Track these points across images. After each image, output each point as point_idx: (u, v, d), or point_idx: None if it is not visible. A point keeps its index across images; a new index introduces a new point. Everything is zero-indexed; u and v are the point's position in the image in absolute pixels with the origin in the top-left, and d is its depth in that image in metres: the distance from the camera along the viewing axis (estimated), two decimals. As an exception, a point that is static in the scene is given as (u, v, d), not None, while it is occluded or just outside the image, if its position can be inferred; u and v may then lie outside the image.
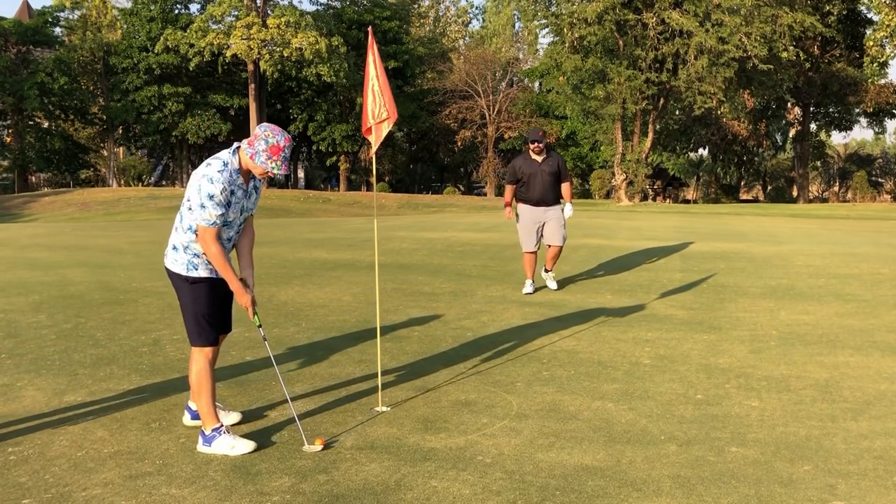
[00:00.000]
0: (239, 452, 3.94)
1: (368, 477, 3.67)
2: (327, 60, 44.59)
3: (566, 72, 40.46)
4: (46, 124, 53.16)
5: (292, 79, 48.22)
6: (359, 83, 43.90)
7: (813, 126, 53.14)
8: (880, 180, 73.98)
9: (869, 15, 47.18)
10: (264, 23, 45.33)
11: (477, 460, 3.88)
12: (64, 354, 5.92)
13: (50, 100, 48.80)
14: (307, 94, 51.13)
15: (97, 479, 3.64)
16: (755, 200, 62.40)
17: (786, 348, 6.24)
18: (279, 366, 5.55)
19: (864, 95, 47.63)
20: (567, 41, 38.13)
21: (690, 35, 35.86)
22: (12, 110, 49.95)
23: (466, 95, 55.20)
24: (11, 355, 5.91)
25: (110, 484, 3.59)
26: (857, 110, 51.76)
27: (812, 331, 6.89)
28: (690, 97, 38.14)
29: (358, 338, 6.50)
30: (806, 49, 43.63)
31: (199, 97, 49.80)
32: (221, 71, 47.89)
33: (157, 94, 48.15)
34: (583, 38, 37.23)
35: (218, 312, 4.18)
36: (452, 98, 55.17)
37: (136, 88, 48.20)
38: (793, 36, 37.20)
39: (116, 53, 48.77)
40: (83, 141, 55.18)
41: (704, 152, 58.54)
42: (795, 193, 52.91)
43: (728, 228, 18.22)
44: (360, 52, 44.80)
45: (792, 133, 57.27)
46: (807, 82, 47.68)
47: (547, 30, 41.31)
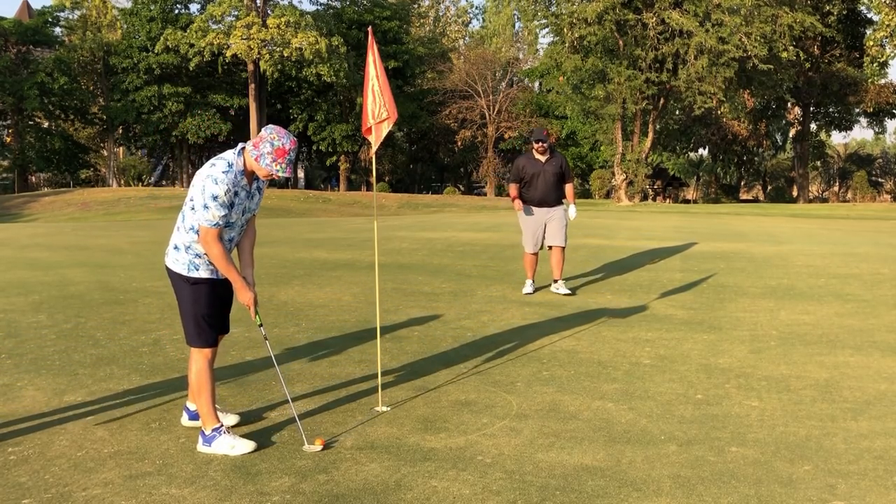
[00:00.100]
0: (239, 452, 3.94)
1: (368, 477, 3.67)
2: (327, 60, 44.61)
3: (566, 72, 40.47)
4: (46, 124, 53.16)
5: (292, 79, 48.24)
6: (359, 83, 43.90)
7: (813, 126, 53.15)
8: (880, 180, 74.01)
9: (869, 15, 47.21)
10: (264, 23, 45.36)
11: (477, 460, 3.87)
12: (64, 354, 5.92)
13: (50, 100, 48.80)
14: (307, 94, 51.15)
15: (97, 479, 3.64)
16: (755, 200, 62.40)
17: (786, 348, 6.24)
18: (279, 366, 5.55)
19: (864, 95, 47.64)
20: (567, 41, 38.14)
21: (690, 35, 35.86)
22: (12, 110, 49.95)
23: (466, 95, 55.20)
24: (11, 355, 5.91)
25: (110, 484, 3.59)
26: (857, 110, 51.78)
27: (812, 331, 6.89)
28: (690, 97, 38.14)
29: (358, 338, 6.50)
30: (806, 49, 43.64)
31: (199, 97, 49.81)
32: (221, 71, 47.92)
33: (157, 94, 48.17)
34: (583, 38, 37.23)
35: (218, 313, 4.17)
36: (452, 98, 55.16)
37: (136, 88, 48.22)
38: (793, 36, 37.20)
39: (116, 53, 48.78)
40: (83, 141, 55.17)
41: (704, 152, 58.56)
42: (795, 193, 52.91)
43: (728, 228, 18.22)
44: (360, 52, 44.80)
45: (792, 133, 57.28)
46: (807, 82, 47.69)
47: (547, 30, 41.32)
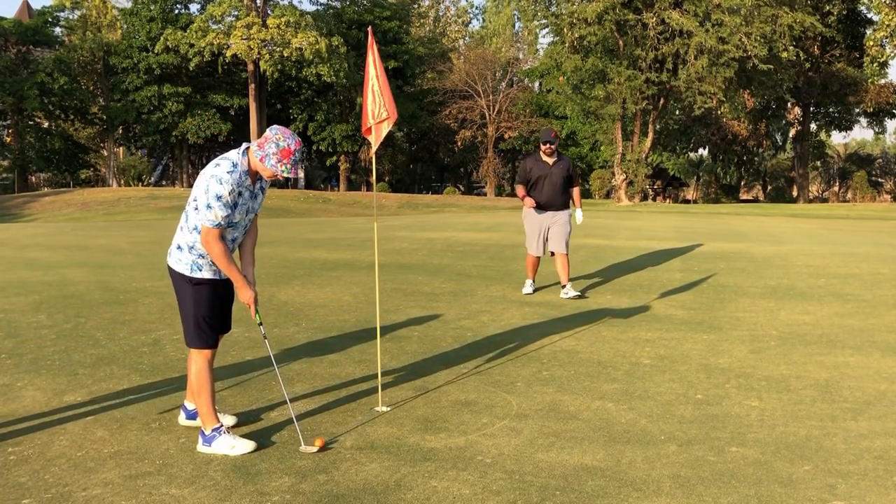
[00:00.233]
0: (239, 452, 3.94)
1: (368, 477, 3.67)
2: (327, 60, 44.61)
3: (566, 72, 40.49)
4: (46, 124, 53.14)
5: (292, 79, 48.24)
6: (359, 83, 43.91)
7: (813, 126, 53.15)
8: (880, 180, 74.03)
9: (869, 15, 47.22)
10: (264, 23, 45.36)
11: (477, 460, 3.87)
12: (64, 354, 5.92)
13: (50, 100, 48.78)
14: (307, 94, 51.14)
15: (97, 479, 3.64)
16: (755, 200, 62.41)
17: (786, 348, 6.24)
18: (279, 366, 5.55)
19: (864, 95, 47.65)
20: (567, 41, 38.15)
21: (690, 35, 35.87)
22: (12, 110, 49.93)
23: (466, 95, 55.19)
24: (11, 355, 5.91)
25: (110, 484, 3.59)
26: (857, 110, 51.78)
27: (812, 331, 6.89)
28: (690, 97, 38.15)
29: (358, 338, 6.50)
30: (806, 49, 43.65)
31: (199, 97, 49.81)
32: (221, 71, 47.92)
33: (157, 94, 48.16)
34: (583, 38, 37.24)
35: (219, 314, 4.17)
36: (452, 98, 55.15)
37: (136, 88, 48.21)
38: (793, 36, 37.21)
39: (116, 53, 48.77)
40: (83, 141, 55.16)
41: (704, 152, 58.56)
42: (795, 193, 52.92)
43: (728, 228, 18.23)
44: (360, 52, 44.81)
45: (792, 133, 57.28)
46: (807, 82, 47.69)
47: (547, 30, 41.34)
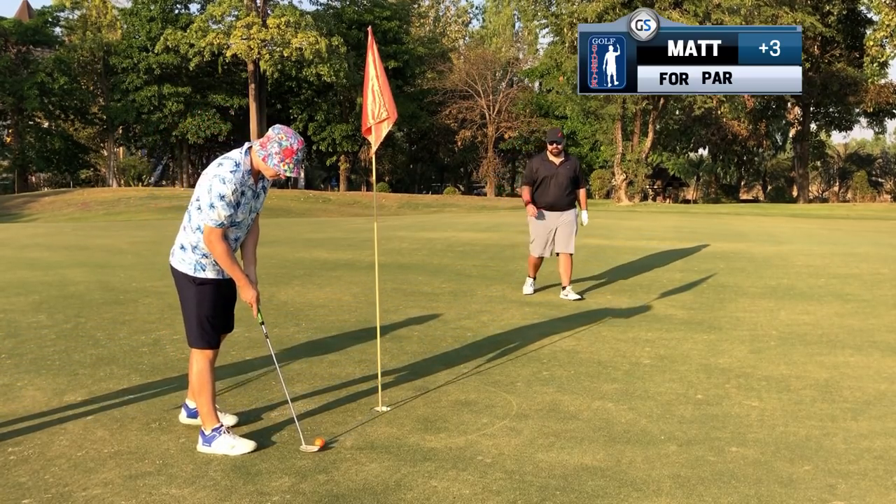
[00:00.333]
0: (239, 452, 3.95)
1: (368, 477, 3.67)
2: (327, 60, 44.60)
3: (566, 72, 40.47)
4: (46, 124, 53.11)
5: (292, 79, 48.22)
6: (359, 83, 43.87)
7: (813, 126, 53.11)
8: (880, 180, 74.01)
9: (869, 15, 47.19)
10: (264, 23, 45.35)
11: (477, 460, 3.87)
12: (64, 354, 5.92)
13: (50, 100, 48.75)
14: (307, 94, 51.13)
15: (97, 479, 3.64)
16: (755, 200, 62.38)
17: (786, 348, 6.24)
18: (279, 365, 5.55)
19: (864, 95, 47.60)
20: (567, 41, 38.15)
21: (690, 35, 35.85)
22: (12, 110, 49.91)
23: (466, 95, 55.16)
24: (11, 355, 5.91)
25: (110, 484, 3.59)
26: (857, 110, 51.70)
27: (812, 331, 6.89)
28: (690, 97, 38.14)
29: (358, 338, 6.50)
30: (806, 49, 43.60)
31: (199, 97, 49.80)
32: (221, 71, 47.91)
33: (157, 94, 48.14)
34: (583, 38, 37.19)
35: (221, 314, 4.18)
36: (452, 98, 55.12)
37: (136, 88, 48.19)
38: (793, 36, 37.17)
39: (116, 53, 48.75)
40: (83, 141, 55.13)
41: (704, 152, 58.52)
42: (795, 193, 52.89)
43: (728, 228, 18.23)
44: (360, 52, 44.77)
45: (792, 133, 57.25)
46: (807, 82, 47.60)
47: (547, 30, 41.34)
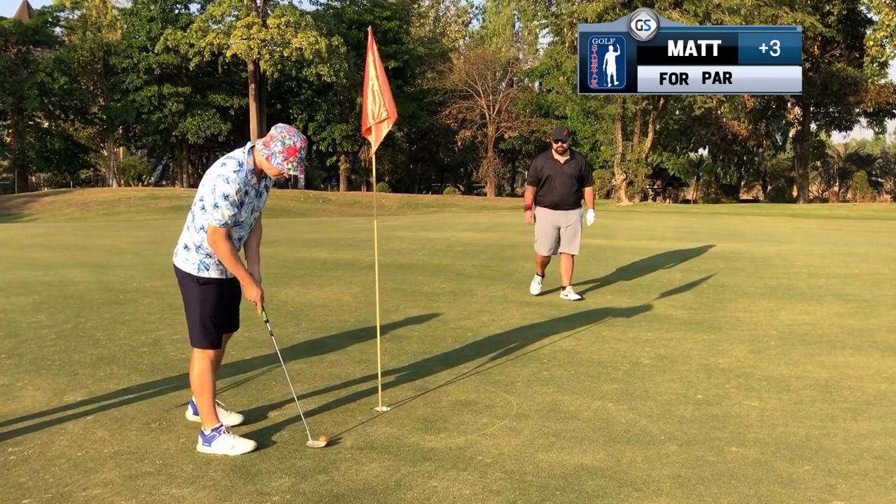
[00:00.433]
0: (239, 452, 3.95)
1: (368, 477, 3.67)
2: (327, 60, 44.60)
3: (566, 72, 40.48)
4: (46, 124, 53.11)
5: (292, 79, 48.22)
6: (359, 83, 43.87)
7: (813, 126, 53.11)
8: (880, 180, 74.03)
9: (869, 15, 47.19)
10: (264, 23, 45.36)
11: (477, 460, 3.87)
12: (64, 354, 5.92)
13: (50, 100, 48.75)
14: (307, 94, 51.13)
15: (97, 479, 3.64)
16: (755, 200, 62.38)
17: (786, 348, 6.24)
18: (284, 363, 5.55)
19: (864, 95, 47.60)
20: (567, 41, 38.16)
21: (690, 35, 35.85)
22: (12, 110, 49.91)
23: (466, 95, 55.15)
24: (11, 355, 5.91)
25: (110, 484, 3.59)
26: (857, 110, 51.70)
27: (812, 331, 6.88)
28: (690, 97, 38.14)
29: (358, 338, 6.50)
30: (806, 49, 43.60)
31: (199, 97, 49.80)
32: (221, 71, 47.91)
33: (157, 94, 48.15)
34: (583, 38, 37.19)
35: (224, 314, 4.19)
36: (452, 98, 55.12)
37: (136, 88, 48.20)
38: (793, 36, 37.17)
39: (116, 53, 48.76)
40: (83, 141, 55.14)
41: (704, 152, 58.52)
42: (795, 193, 52.88)
43: (728, 228, 18.23)
44: (360, 52, 44.76)
45: (792, 133, 57.24)
46: (807, 82, 47.59)
47: (547, 30, 41.35)
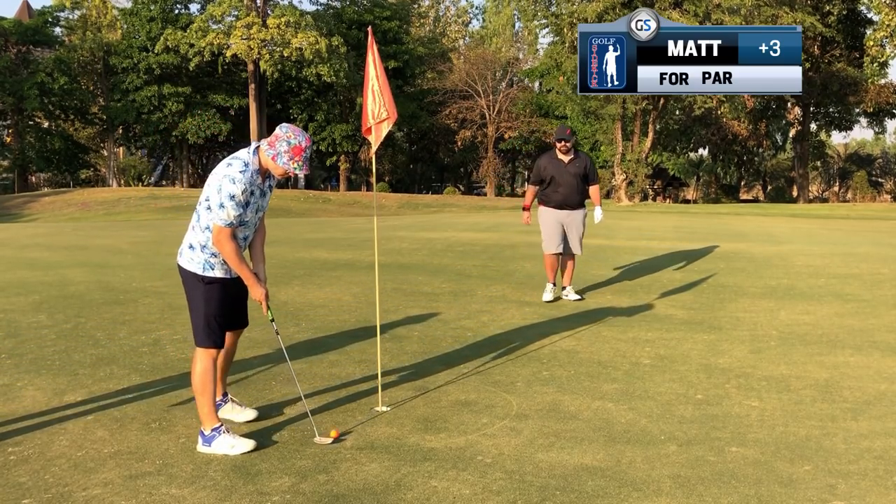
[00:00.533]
0: (239, 452, 3.95)
1: (368, 477, 3.67)
2: (327, 60, 44.60)
3: (566, 72, 40.47)
4: (46, 124, 53.12)
5: (292, 79, 48.22)
6: (359, 83, 43.86)
7: (813, 126, 53.10)
8: (880, 180, 74.04)
9: (869, 15, 47.18)
10: (264, 23, 45.35)
11: (477, 460, 3.87)
12: (64, 354, 5.92)
13: (50, 100, 48.76)
14: (307, 94, 51.13)
15: (97, 479, 3.64)
16: (755, 200, 62.38)
17: (786, 348, 6.24)
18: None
19: (864, 95, 47.59)
20: (567, 41, 38.15)
21: (690, 35, 35.84)
22: (12, 110, 49.92)
23: (466, 95, 55.15)
24: (11, 355, 5.91)
25: (110, 484, 3.59)
26: (857, 110, 51.68)
27: (812, 331, 6.88)
28: (690, 97, 38.14)
29: (358, 338, 6.50)
30: (806, 49, 43.59)
31: (199, 97, 49.80)
32: (221, 71, 47.90)
33: (157, 94, 48.15)
34: (583, 38, 37.18)
35: (229, 313, 4.21)
36: (452, 98, 55.11)
37: (136, 88, 48.20)
38: (793, 36, 37.16)
39: (116, 53, 48.76)
40: (83, 141, 55.14)
41: (704, 152, 58.51)
42: (795, 193, 52.88)
43: (728, 228, 18.22)
44: (360, 52, 44.76)
45: (792, 133, 57.23)
46: (807, 82, 47.59)
47: (547, 30, 41.33)
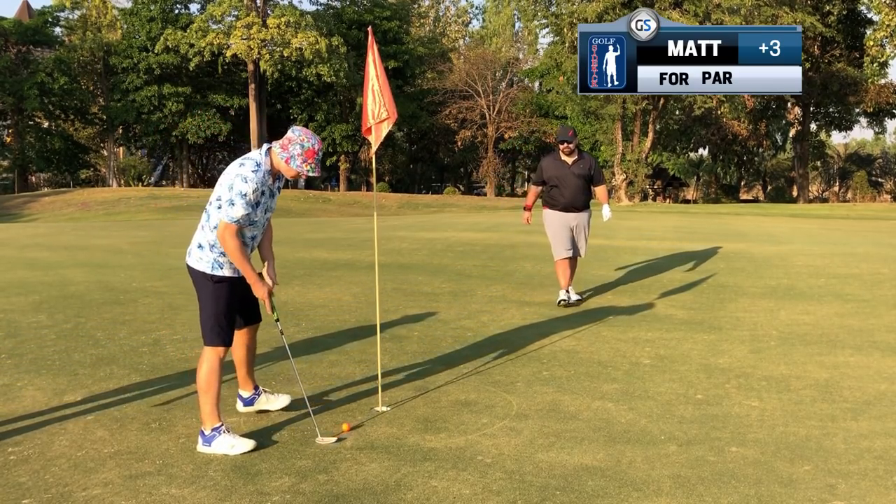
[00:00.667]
0: (239, 451, 3.96)
1: (368, 477, 3.67)
2: (327, 60, 44.59)
3: (566, 72, 40.47)
4: (46, 124, 53.09)
5: (292, 79, 48.20)
6: (359, 83, 43.85)
7: (813, 126, 53.09)
8: (880, 180, 74.04)
9: (869, 15, 47.17)
10: (264, 23, 45.34)
11: (477, 460, 3.87)
12: (64, 354, 5.92)
13: (50, 100, 48.73)
14: (307, 94, 51.11)
15: (97, 479, 3.64)
16: (755, 200, 62.38)
17: (786, 348, 6.24)
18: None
19: (864, 95, 47.58)
20: (567, 41, 38.15)
21: (690, 35, 35.85)
22: (12, 110, 49.90)
23: (466, 95, 55.14)
24: (11, 355, 5.91)
25: (110, 484, 3.59)
26: (857, 110, 51.67)
27: (812, 331, 6.88)
28: (690, 97, 38.14)
29: (358, 338, 6.50)
30: (806, 49, 43.59)
31: (199, 97, 49.79)
32: (221, 71, 47.89)
33: (157, 94, 48.13)
34: (583, 38, 37.19)
35: (239, 311, 4.29)
36: (452, 98, 55.10)
37: (136, 88, 48.18)
38: (793, 36, 37.16)
39: (116, 53, 48.75)
40: (83, 141, 55.12)
41: (704, 152, 58.52)
42: (795, 193, 52.87)
43: (728, 228, 18.22)
44: (360, 52, 44.75)
45: (792, 133, 57.22)
46: (807, 82, 47.58)
47: (547, 30, 41.34)
